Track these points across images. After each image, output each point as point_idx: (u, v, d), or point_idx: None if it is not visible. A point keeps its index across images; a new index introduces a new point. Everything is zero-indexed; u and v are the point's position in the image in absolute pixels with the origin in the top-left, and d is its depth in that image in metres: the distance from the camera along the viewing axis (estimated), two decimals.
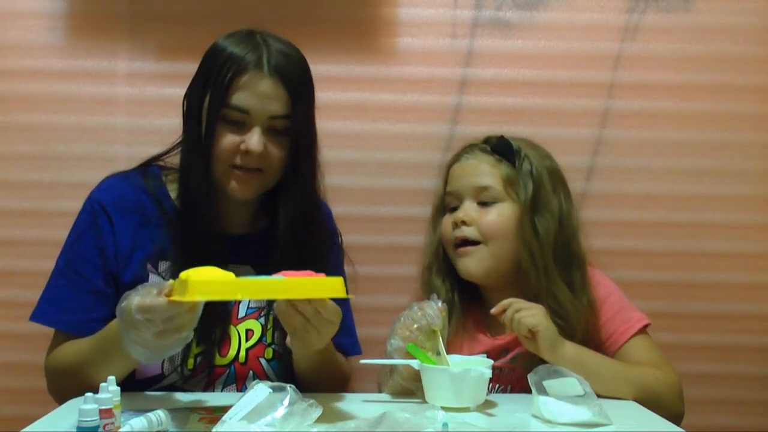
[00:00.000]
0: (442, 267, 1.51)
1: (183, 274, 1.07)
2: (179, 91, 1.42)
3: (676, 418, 1.30)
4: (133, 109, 1.79)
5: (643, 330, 1.45)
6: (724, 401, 1.84)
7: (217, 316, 1.33)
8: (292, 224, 1.37)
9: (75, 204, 1.42)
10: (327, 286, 1.14)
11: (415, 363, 1.27)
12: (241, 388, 1.37)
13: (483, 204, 1.46)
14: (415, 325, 1.31)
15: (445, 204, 1.52)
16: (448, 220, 1.50)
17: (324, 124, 1.77)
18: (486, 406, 1.24)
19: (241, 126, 1.32)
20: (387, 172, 1.82)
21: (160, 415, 1.04)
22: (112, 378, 1.04)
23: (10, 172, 1.79)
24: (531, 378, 1.21)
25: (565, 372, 1.21)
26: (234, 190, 1.34)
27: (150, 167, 1.44)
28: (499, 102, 1.81)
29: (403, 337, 1.31)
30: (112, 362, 1.22)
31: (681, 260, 1.84)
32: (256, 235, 1.43)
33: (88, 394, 1.01)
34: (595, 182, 1.83)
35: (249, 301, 1.40)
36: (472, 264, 1.45)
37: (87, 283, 1.35)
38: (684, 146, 1.84)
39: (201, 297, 1.07)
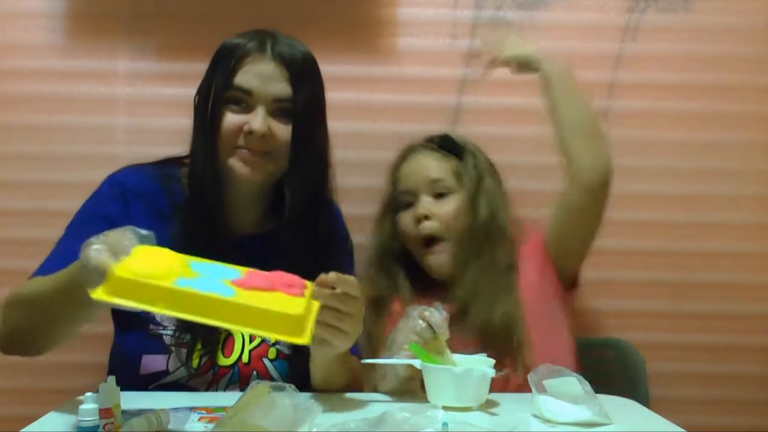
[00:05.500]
0: (393, 264, 1.56)
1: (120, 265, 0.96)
2: (179, 91, 1.42)
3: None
4: (133, 109, 1.80)
5: None
6: (724, 401, 1.84)
7: None
8: (297, 218, 1.35)
9: (75, 204, 1.40)
10: (279, 323, 0.96)
11: (416, 362, 1.27)
12: (243, 388, 1.35)
13: (438, 196, 1.52)
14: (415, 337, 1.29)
15: (398, 203, 1.56)
16: (407, 217, 1.54)
17: None
18: (486, 406, 1.24)
19: (245, 108, 1.33)
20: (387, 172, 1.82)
21: (160, 415, 1.03)
22: (112, 378, 1.04)
23: (10, 172, 1.79)
24: (531, 378, 1.21)
25: (565, 372, 1.21)
26: (240, 170, 1.33)
27: (168, 165, 1.43)
28: (499, 102, 1.81)
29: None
30: (68, 301, 1.14)
31: (681, 260, 1.84)
32: (263, 236, 1.41)
33: (88, 394, 1.01)
34: None
35: None
36: (444, 260, 1.50)
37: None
38: (684, 146, 1.84)
39: (110, 299, 0.95)
